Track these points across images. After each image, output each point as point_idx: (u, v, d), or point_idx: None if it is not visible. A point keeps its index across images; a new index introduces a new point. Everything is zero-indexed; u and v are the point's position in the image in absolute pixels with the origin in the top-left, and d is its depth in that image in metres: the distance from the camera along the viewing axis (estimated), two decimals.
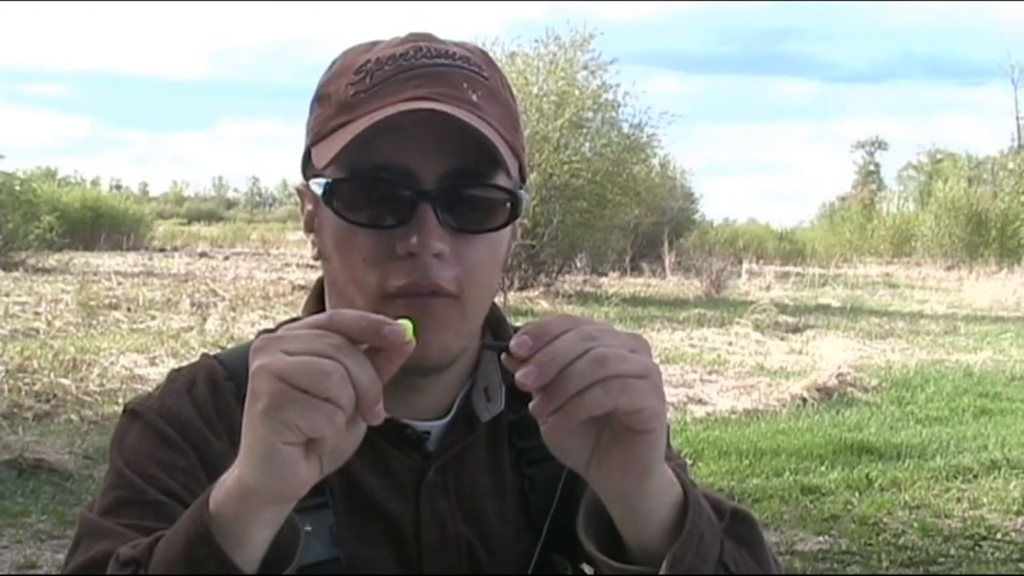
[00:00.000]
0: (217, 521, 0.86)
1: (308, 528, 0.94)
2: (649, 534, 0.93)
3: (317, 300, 1.15)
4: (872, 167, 56.92)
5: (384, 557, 1.08)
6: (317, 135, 1.08)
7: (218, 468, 0.94)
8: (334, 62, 1.12)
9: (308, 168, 1.10)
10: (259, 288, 17.77)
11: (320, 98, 1.09)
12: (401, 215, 1.02)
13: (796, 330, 14.94)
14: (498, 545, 1.12)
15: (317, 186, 1.05)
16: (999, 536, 6.01)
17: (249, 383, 0.83)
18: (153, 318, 13.45)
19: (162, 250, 29.16)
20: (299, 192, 1.14)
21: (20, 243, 20.74)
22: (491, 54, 1.14)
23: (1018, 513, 6.43)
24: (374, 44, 1.10)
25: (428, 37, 1.09)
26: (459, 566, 1.10)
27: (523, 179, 1.10)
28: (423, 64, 1.05)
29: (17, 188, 22.08)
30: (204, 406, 1.09)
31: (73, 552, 1.02)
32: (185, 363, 1.19)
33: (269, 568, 0.89)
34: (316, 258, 1.12)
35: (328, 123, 1.06)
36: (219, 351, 1.20)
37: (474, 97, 1.04)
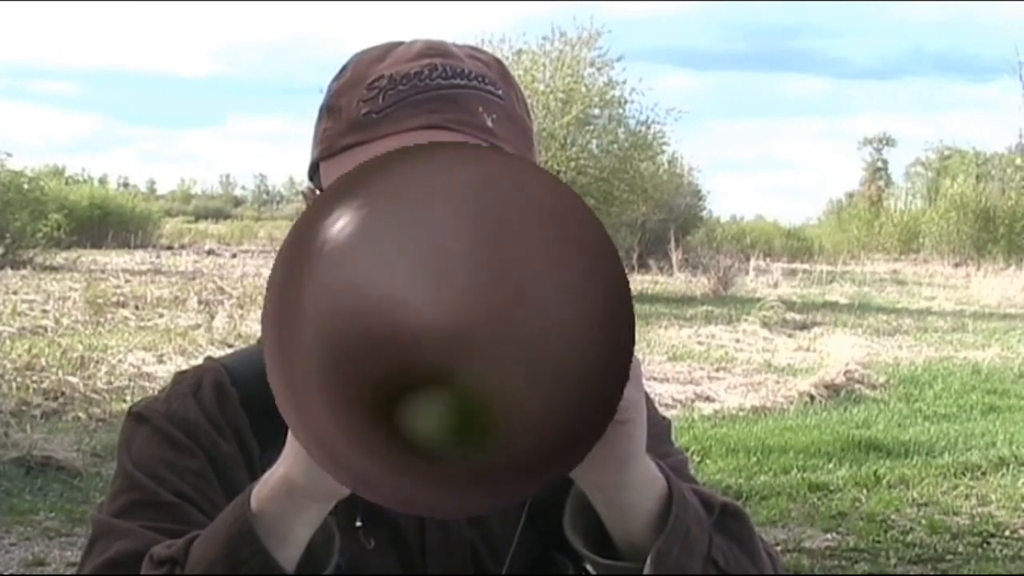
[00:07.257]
0: (260, 519, 0.86)
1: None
2: (634, 529, 0.92)
3: None
4: (880, 164, 56.62)
5: (387, 561, 1.07)
6: (326, 150, 1.06)
7: (228, 471, 0.93)
8: (345, 68, 1.09)
9: (315, 178, 1.08)
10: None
11: (330, 109, 1.07)
12: None
13: (804, 327, 14.91)
14: (501, 547, 1.11)
15: None
16: (1007, 533, 6.00)
17: None
18: (161, 316, 13.47)
19: (169, 248, 29.16)
20: (305, 196, 1.13)
21: (28, 241, 20.80)
22: (500, 53, 1.13)
23: None
24: (387, 52, 1.08)
25: (443, 51, 1.07)
26: (463, 569, 1.09)
27: None
28: (438, 85, 1.03)
29: (25, 186, 22.15)
30: (210, 409, 1.08)
31: (89, 553, 1.01)
32: (193, 361, 1.19)
33: (302, 570, 0.89)
34: None
35: (338, 140, 1.05)
36: (223, 355, 1.19)
37: (488, 122, 1.03)
